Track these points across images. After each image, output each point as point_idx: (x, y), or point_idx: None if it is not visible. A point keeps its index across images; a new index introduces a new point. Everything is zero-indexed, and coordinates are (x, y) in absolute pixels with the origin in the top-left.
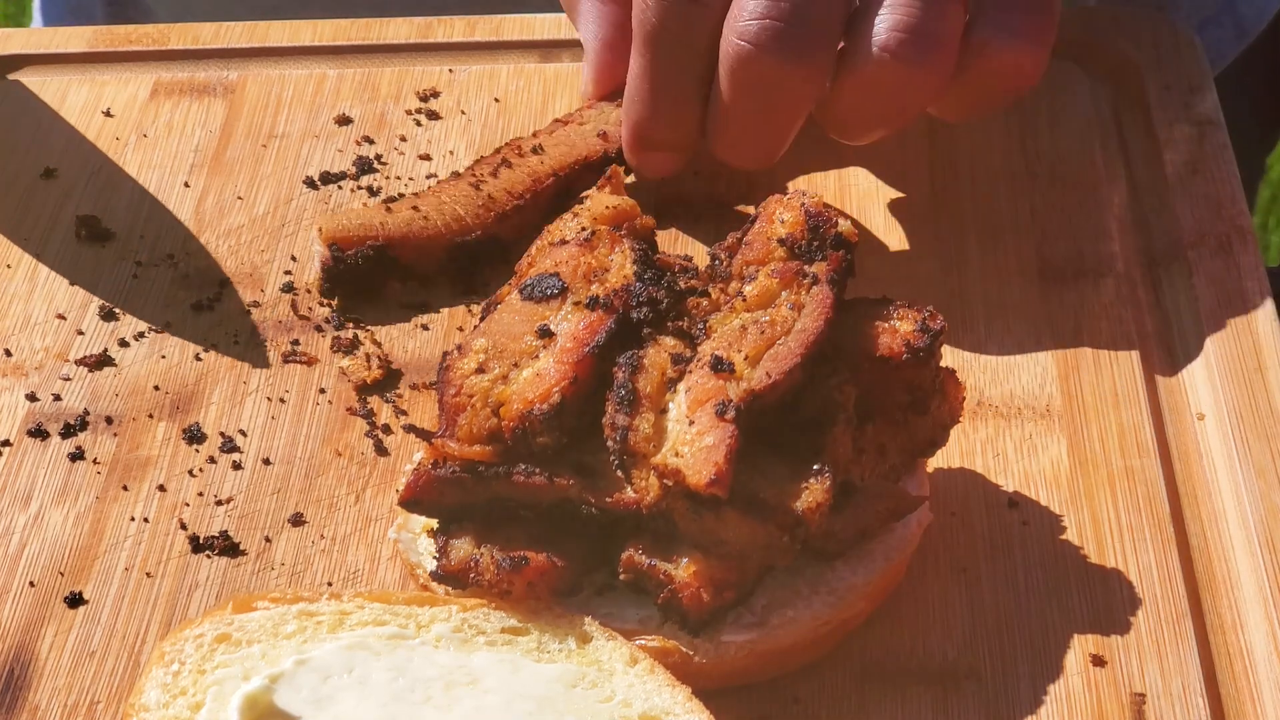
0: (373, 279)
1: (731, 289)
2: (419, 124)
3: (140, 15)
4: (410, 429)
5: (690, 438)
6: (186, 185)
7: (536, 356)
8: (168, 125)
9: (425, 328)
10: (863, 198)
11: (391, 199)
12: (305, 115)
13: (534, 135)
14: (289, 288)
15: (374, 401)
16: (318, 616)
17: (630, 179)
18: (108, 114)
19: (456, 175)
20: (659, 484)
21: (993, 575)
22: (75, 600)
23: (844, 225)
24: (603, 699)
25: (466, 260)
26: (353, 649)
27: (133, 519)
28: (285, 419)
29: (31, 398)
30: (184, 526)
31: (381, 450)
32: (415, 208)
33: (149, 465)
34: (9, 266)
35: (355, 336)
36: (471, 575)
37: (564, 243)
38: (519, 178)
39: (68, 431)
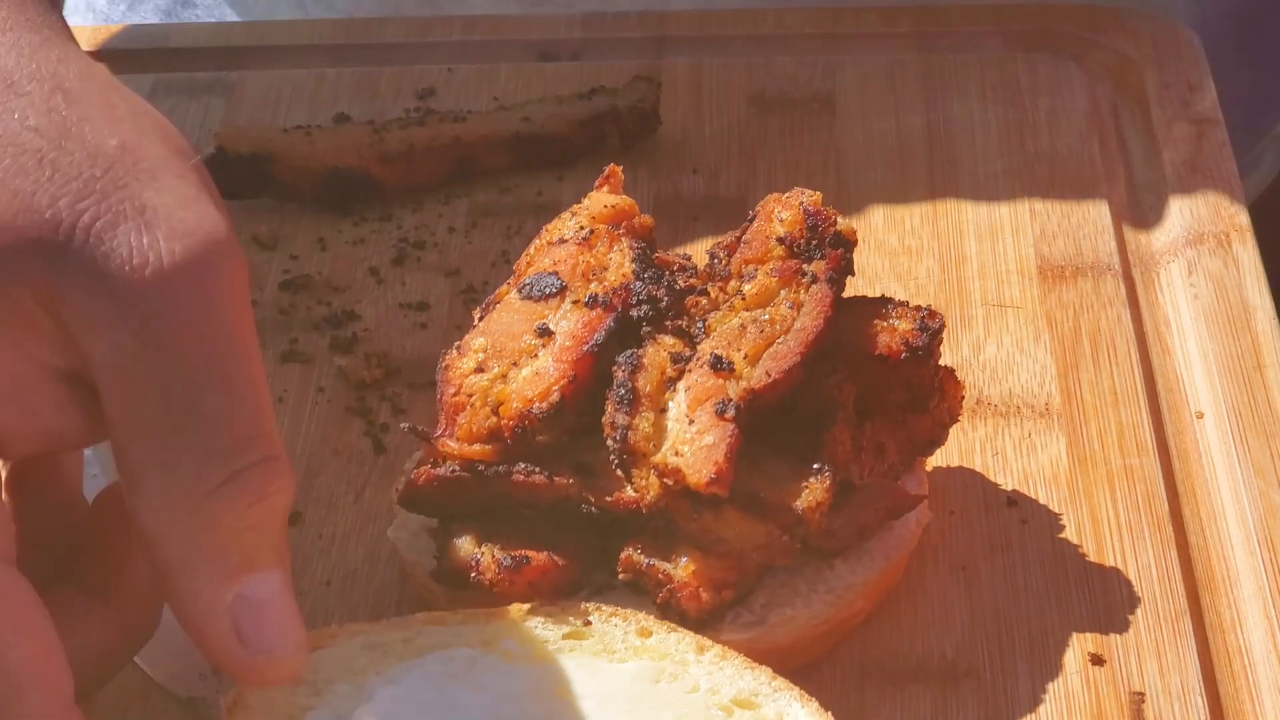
0: (247, 187)
1: (730, 288)
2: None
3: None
4: (410, 429)
5: (690, 437)
6: None
7: (535, 355)
8: None
9: (423, 326)
10: (862, 197)
11: (296, 127)
12: (304, 114)
13: (470, 113)
14: (288, 285)
15: (372, 400)
16: (383, 647)
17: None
18: None
19: (369, 122)
20: (659, 483)
21: (991, 574)
22: None
23: (843, 224)
24: (689, 689)
25: (340, 191)
26: (432, 676)
27: None
28: (283, 418)
29: None
30: None
31: (380, 449)
32: (309, 134)
33: None
34: None
35: (354, 335)
36: (472, 575)
37: (562, 241)
38: (422, 134)
39: None
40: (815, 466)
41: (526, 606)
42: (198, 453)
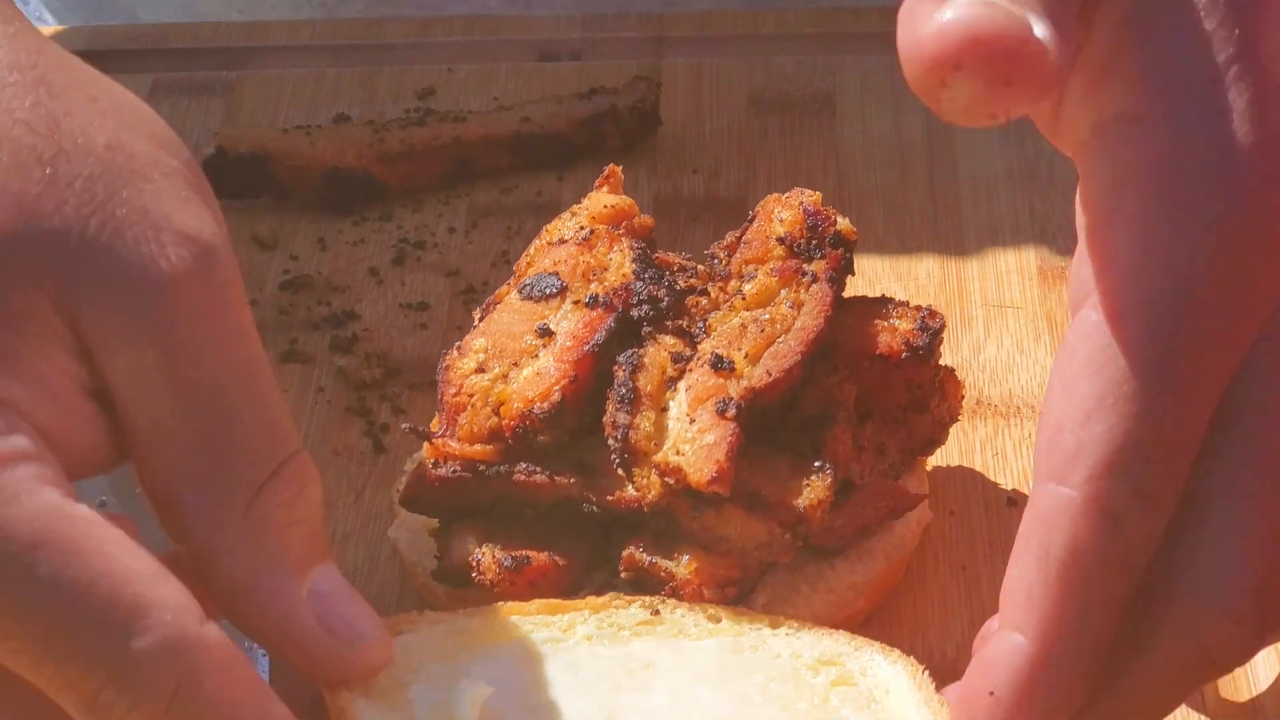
0: (247, 188)
1: (731, 288)
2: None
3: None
4: (410, 429)
5: (691, 436)
6: None
7: (536, 355)
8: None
9: (423, 326)
10: (863, 198)
11: (296, 127)
12: (304, 114)
13: (470, 113)
14: (288, 285)
15: (372, 400)
16: (467, 633)
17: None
18: None
19: (369, 122)
20: (660, 482)
21: (991, 574)
22: None
23: (843, 223)
24: (774, 656)
25: (340, 191)
26: (523, 657)
27: None
28: None
29: None
30: None
31: (380, 449)
32: (309, 134)
33: None
34: None
35: (354, 335)
36: (473, 575)
37: (562, 242)
38: (422, 134)
39: None
40: (816, 465)
41: (600, 599)
42: (239, 458)
